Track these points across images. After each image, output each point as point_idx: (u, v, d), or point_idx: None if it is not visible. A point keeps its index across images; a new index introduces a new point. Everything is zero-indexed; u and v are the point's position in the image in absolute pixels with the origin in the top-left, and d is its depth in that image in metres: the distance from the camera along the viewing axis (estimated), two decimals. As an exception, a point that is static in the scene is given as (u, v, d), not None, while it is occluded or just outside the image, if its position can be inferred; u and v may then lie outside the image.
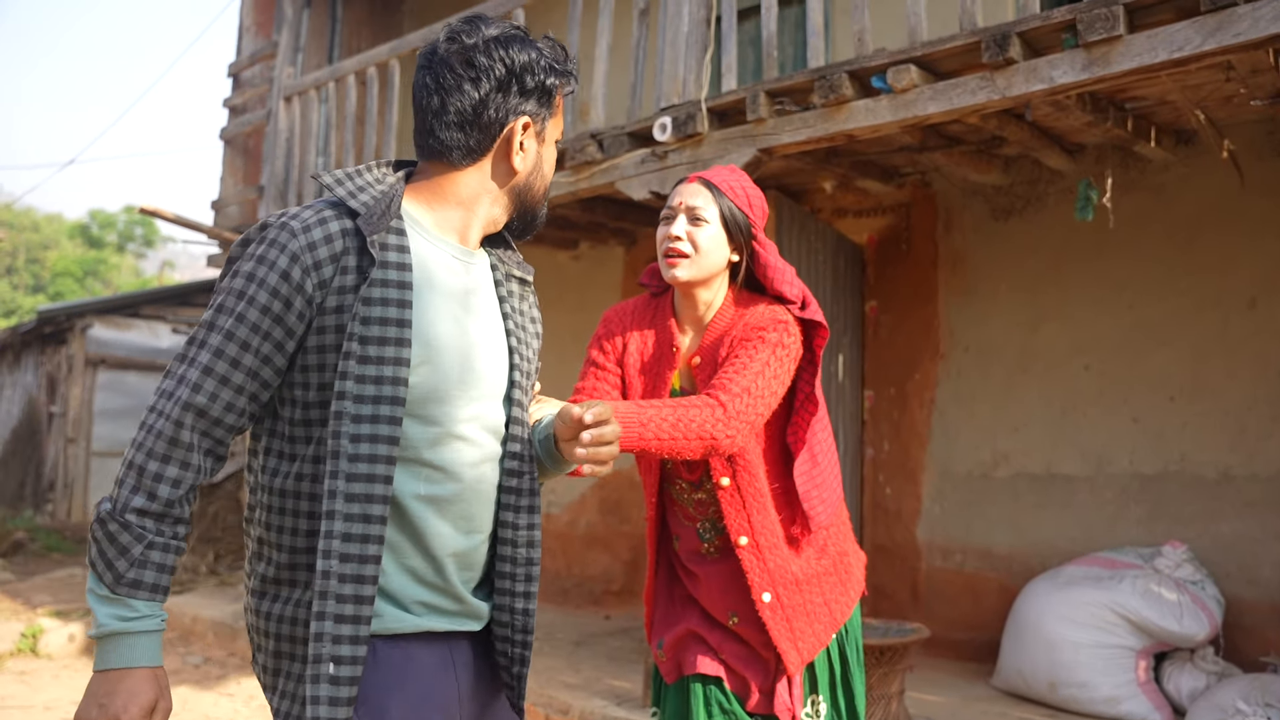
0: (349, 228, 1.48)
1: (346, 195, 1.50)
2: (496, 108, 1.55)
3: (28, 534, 10.35)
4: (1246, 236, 4.67)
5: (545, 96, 1.60)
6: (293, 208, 1.52)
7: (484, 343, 1.59)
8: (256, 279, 1.44)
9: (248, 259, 1.47)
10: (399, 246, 1.49)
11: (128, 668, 1.39)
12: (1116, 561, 4.56)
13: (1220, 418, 4.70)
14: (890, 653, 3.84)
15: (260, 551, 1.53)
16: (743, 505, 2.10)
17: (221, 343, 1.43)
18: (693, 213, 2.12)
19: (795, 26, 5.90)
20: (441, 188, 1.59)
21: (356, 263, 1.46)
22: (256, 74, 8.03)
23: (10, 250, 35.11)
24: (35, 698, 5.26)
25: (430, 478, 1.51)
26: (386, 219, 1.48)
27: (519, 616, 1.61)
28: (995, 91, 3.57)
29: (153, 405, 1.44)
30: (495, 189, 1.61)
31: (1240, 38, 3.07)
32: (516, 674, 1.63)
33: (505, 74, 1.54)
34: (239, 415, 1.46)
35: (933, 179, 5.59)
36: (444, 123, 1.55)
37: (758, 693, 2.12)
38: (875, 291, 5.81)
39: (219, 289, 1.48)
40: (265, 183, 7.07)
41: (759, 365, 2.01)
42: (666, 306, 2.24)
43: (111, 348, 12.95)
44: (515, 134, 1.58)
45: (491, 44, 1.54)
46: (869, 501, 5.77)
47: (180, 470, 1.42)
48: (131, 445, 1.42)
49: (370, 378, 1.45)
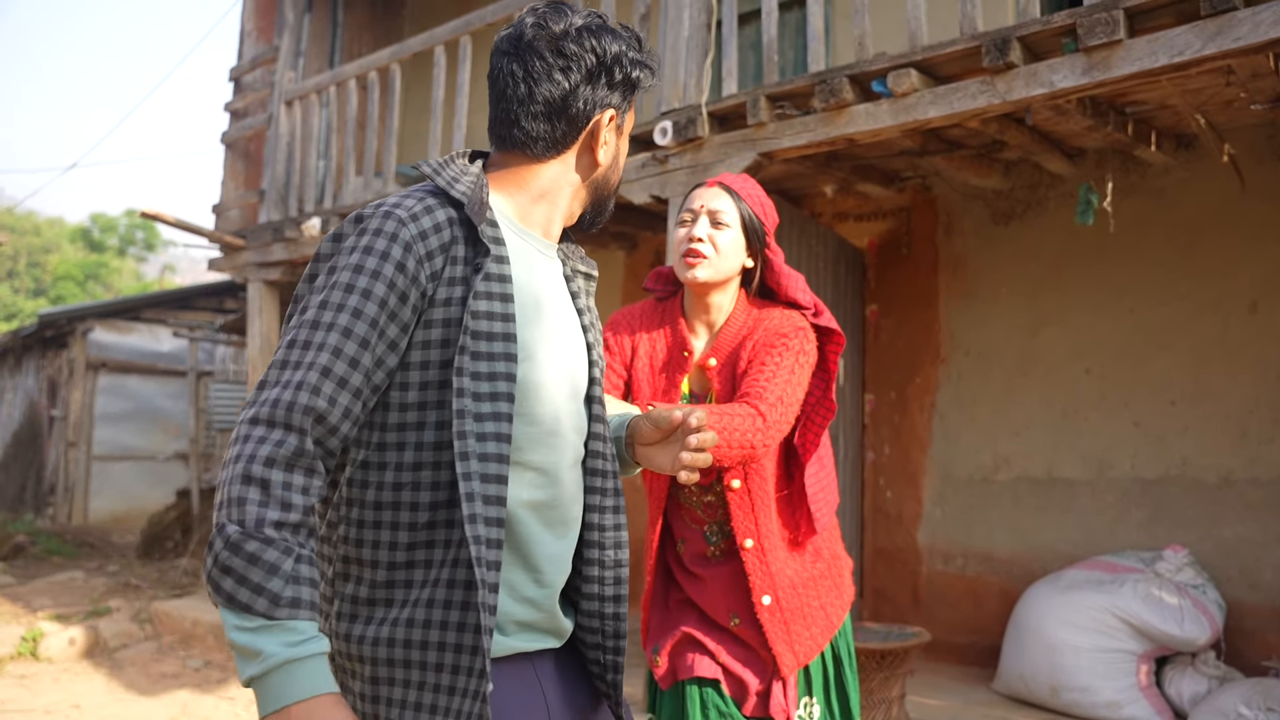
0: (454, 217, 1.39)
1: (446, 184, 1.42)
2: (585, 99, 1.48)
3: (28, 537, 10.35)
4: (1247, 241, 4.67)
5: (629, 89, 1.55)
6: (390, 196, 1.41)
7: (568, 339, 1.53)
8: (368, 271, 1.32)
9: (353, 251, 1.34)
10: (494, 239, 1.41)
11: (312, 696, 1.19)
12: (1118, 565, 4.55)
13: (1221, 422, 4.70)
14: (891, 657, 3.84)
15: (347, 572, 1.39)
16: (751, 508, 2.12)
17: (339, 341, 1.29)
18: (714, 216, 2.15)
19: (796, 31, 5.91)
20: (523, 180, 1.51)
21: (465, 253, 1.39)
22: (258, 78, 8.04)
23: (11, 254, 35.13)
24: (35, 701, 5.26)
25: (533, 481, 1.44)
26: (485, 208, 1.40)
27: (609, 621, 1.54)
28: (995, 96, 3.57)
29: (261, 416, 1.27)
30: (577, 182, 1.55)
31: (1240, 42, 3.07)
32: (612, 681, 1.54)
33: (595, 64, 1.48)
34: (352, 424, 1.32)
35: (933, 183, 5.60)
36: (530, 112, 1.47)
37: (754, 696, 2.12)
38: (876, 295, 5.81)
39: (319, 286, 1.34)
40: (266, 187, 7.08)
41: (785, 373, 2.03)
42: (675, 310, 2.26)
43: (112, 351, 12.96)
44: (601, 127, 1.51)
45: (582, 32, 1.48)
46: (870, 505, 5.77)
47: (307, 478, 1.26)
48: (240, 460, 1.24)
49: (484, 374, 1.37)
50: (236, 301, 13.02)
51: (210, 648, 6.24)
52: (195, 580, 8.22)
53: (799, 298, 2.17)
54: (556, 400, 1.47)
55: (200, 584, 8.03)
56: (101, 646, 6.40)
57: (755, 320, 2.17)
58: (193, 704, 5.22)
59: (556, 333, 1.50)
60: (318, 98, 6.72)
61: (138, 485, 12.93)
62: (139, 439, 13.10)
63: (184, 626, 6.52)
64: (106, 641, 6.44)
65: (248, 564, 1.19)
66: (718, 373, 2.16)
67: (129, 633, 6.58)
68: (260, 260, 6.91)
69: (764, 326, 2.13)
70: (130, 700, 5.33)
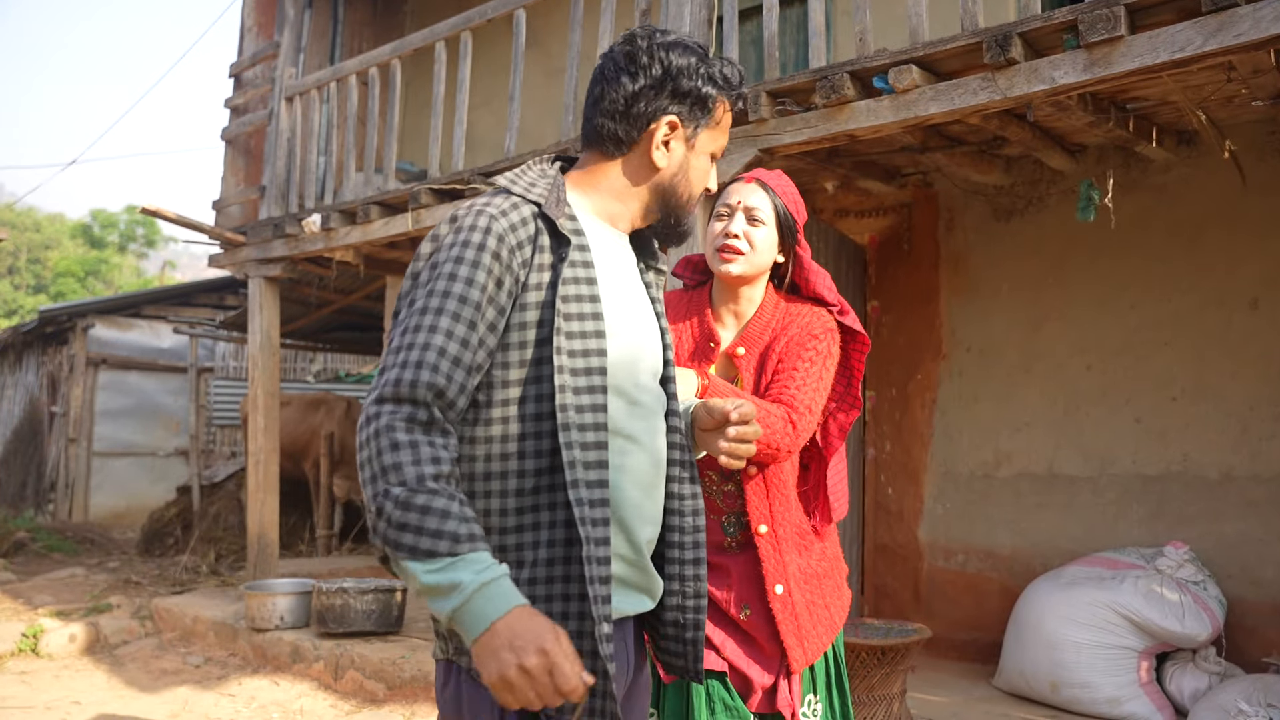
0: (536, 212, 1.56)
1: (523, 191, 1.59)
2: (646, 103, 1.63)
3: (29, 534, 10.36)
4: (1248, 237, 4.67)
5: (699, 104, 1.66)
6: (479, 198, 1.58)
7: (645, 322, 1.69)
8: (468, 261, 1.48)
9: (454, 246, 1.50)
10: (575, 229, 1.58)
11: (509, 610, 1.33)
12: (1118, 562, 4.55)
13: (1222, 418, 4.70)
14: (892, 653, 3.84)
15: None
16: (766, 495, 2.17)
17: (449, 324, 1.44)
18: (750, 213, 2.20)
19: (797, 27, 5.90)
20: (595, 176, 1.68)
21: (550, 244, 1.55)
22: (258, 74, 8.03)
23: (12, 250, 35.12)
24: (36, 698, 5.26)
25: (623, 449, 1.58)
26: (562, 205, 1.57)
27: (690, 583, 1.70)
28: (997, 92, 3.56)
29: (387, 395, 1.41)
30: (638, 183, 1.68)
31: (1241, 38, 3.06)
32: (692, 639, 1.70)
33: (661, 73, 1.62)
34: (466, 400, 1.47)
35: (934, 179, 5.59)
36: (600, 110, 1.64)
37: (760, 691, 2.13)
38: (877, 292, 5.81)
39: (423, 281, 1.50)
40: (266, 183, 7.08)
41: (815, 380, 2.12)
42: (704, 300, 2.31)
43: (113, 348, 12.96)
44: (659, 131, 1.65)
45: (656, 46, 1.63)
46: (871, 502, 5.77)
47: (444, 438, 1.42)
48: (382, 433, 1.38)
49: (579, 351, 1.52)
50: (237, 298, 13.02)
51: (211, 644, 6.24)
52: (194, 577, 8.23)
53: (825, 295, 2.23)
54: (640, 375, 1.63)
55: (201, 580, 8.03)
56: (102, 643, 6.41)
57: (785, 315, 2.22)
58: (193, 700, 5.22)
59: (635, 315, 1.66)
60: (318, 94, 6.72)
61: (138, 481, 12.94)
62: (140, 435, 13.11)
63: (184, 623, 6.52)
64: (107, 638, 6.44)
65: (422, 515, 1.34)
66: (746, 362, 2.20)
67: (129, 629, 6.59)
68: (261, 256, 6.91)
69: (796, 323, 2.19)
70: (131, 697, 5.34)
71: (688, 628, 1.70)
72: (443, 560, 1.33)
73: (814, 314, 2.20)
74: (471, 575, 1.33)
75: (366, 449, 1.39)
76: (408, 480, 1.35)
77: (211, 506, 9.80)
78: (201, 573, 8.37)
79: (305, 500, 9.90)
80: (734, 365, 2.22)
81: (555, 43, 7.10)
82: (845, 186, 5.67)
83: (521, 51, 5.30)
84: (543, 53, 7.25)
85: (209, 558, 8.75)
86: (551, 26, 7.04)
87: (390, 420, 1.39)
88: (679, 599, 1.70)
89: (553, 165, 1.69)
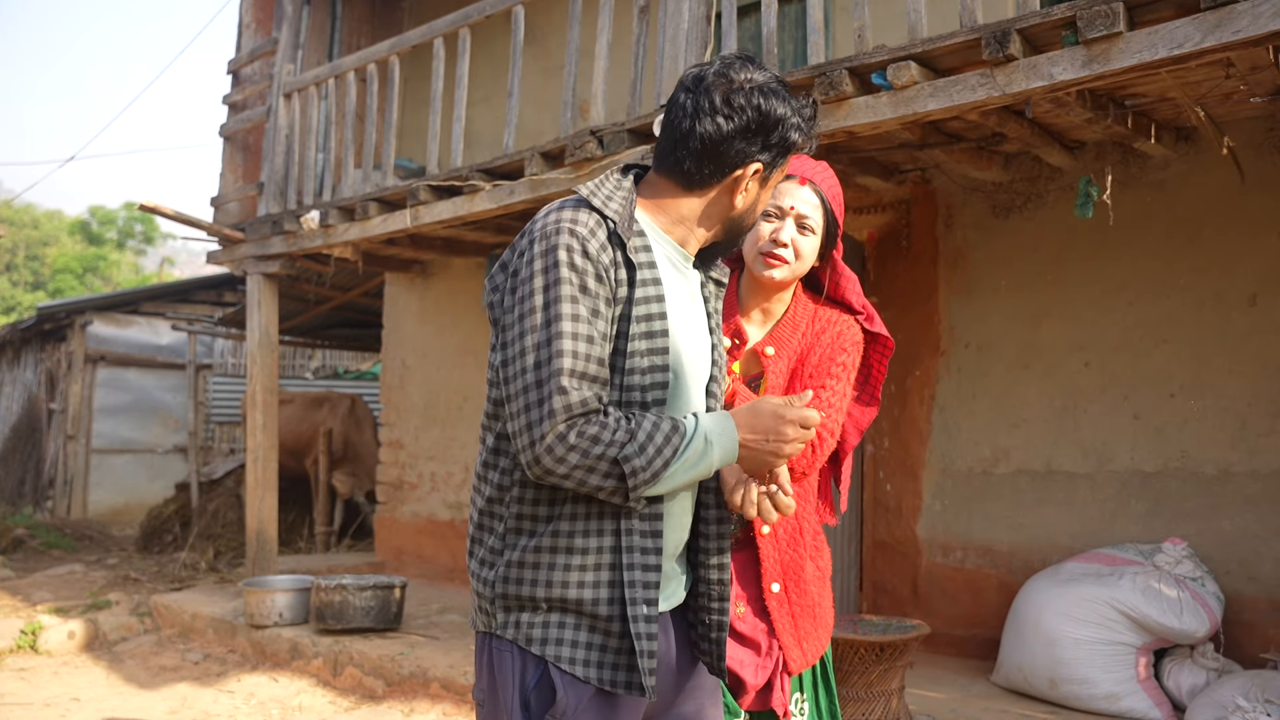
0: (611, 231, 1.62)
1: (602, 204, 1.64)
2: (737, 150, 1.66)
3: (28, 531, 10.36)
4: (1247, 233, 4.67)
5: (783, 151, 1.71)
6: (564, 213, 1.62)
7: (698, 335, 1.78)
8: (564, 279, 1.56)
9: (551, 269, 1.57)
10: (644, 247, 1.65)
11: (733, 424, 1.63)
12: (1117, 558, 4.56)
13: (1221, 414, 4.70)
14: (890, 649, 3.84)
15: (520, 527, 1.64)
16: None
17: (570, 328, 1.56)
18: (801, 220, 2.16)
19: (795, 23, 5.90)
20: (667, 205, 1.72)
21: (624, 259, 1.62)
22: (256, 71, 8.02)
23: (10, 247, 35.08)
24: (35, 695, 5.27)
25: None
26: (632, 224, 1.64)
27: (715, 586, 1.79)
28: (995, 88, 3.56)
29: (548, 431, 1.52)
30: (713, 217, 1.74)
31: (1240, 35, 3.06)
32: (716, 638, 1.79)
33: (757, 121, 1.65)
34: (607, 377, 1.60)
35: (933, 176, 5.59)
36: (687, 148, 1.66)
37: (752, 690, 2.13)
38: (875, 288, 5.81)
39: (522, 297, 1.58)
40: (265, 179, 7.07)
41: (840, 398, 2.14)
42: (731, 293, 2.30)
43: (111, 344, 12.95)
44: (745, 178, 1.69)
45: (754, 90, 1.65)
46: (869, 498, 5.78)
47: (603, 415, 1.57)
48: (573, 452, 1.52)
49: (645, 369, 1.63)
50: (236, 294, 13.01)
51: (210, 641, 6.25)
52: (193, 573, 8.23)
53: (852, 300, 2.23)
54: (689, 385, 1.73)
55: (200, 577, 8.03)
56: (101, 640, 6.41)
57: (816, 320, 2.22)
58: (192, 697, 5.22)
59: (690, 328, 1.75)
60: (317, 90, 6.71)
61: (137, 478, 12.93)
62: (138, 432, 13.10)
63: (183, 619, 6.52)
64: (106, 635, 6.45)
65: (649, 440, 1.54)
66: (774, 363, 2.19)
67: (128, 626, 6.59)
68: (259, 253, 6.90)
69: (829, 332, 2.19)
70: (130, 693, 5.34)
71: (713, 628, 1.79)
72: (684, 443, 1.57)
73: (844, 323, 2.20)
74: (701, 430, 1.59)
75: (578, 469, 1.52)
76: (620, 441, 1.52)
77: (210, 503, 9.80)
78: (200, 569, 8.37)
79: (304, 497, 9.90)
80: (759, 363, 2.21)
81: (554, 39, 7.10)
82: (844, 183, 5.67)
83: (520, 48, 5.30)
84: (541, 49, 7.25)
85: (208, 554, 8.75)
86: (550, 23, 7.03)
87: (574, 441, 1.52)
88: (705, 600, 1.79)
89: (627, 177, 1.73)
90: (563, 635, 1.60)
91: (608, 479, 1.52)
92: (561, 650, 1.59)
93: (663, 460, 1.54)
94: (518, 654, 1.61)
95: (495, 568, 1.64)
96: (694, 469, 1.58)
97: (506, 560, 1.63)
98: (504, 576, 1.62)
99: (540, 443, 1.51)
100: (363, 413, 9.95)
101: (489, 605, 1.65)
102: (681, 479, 1.58)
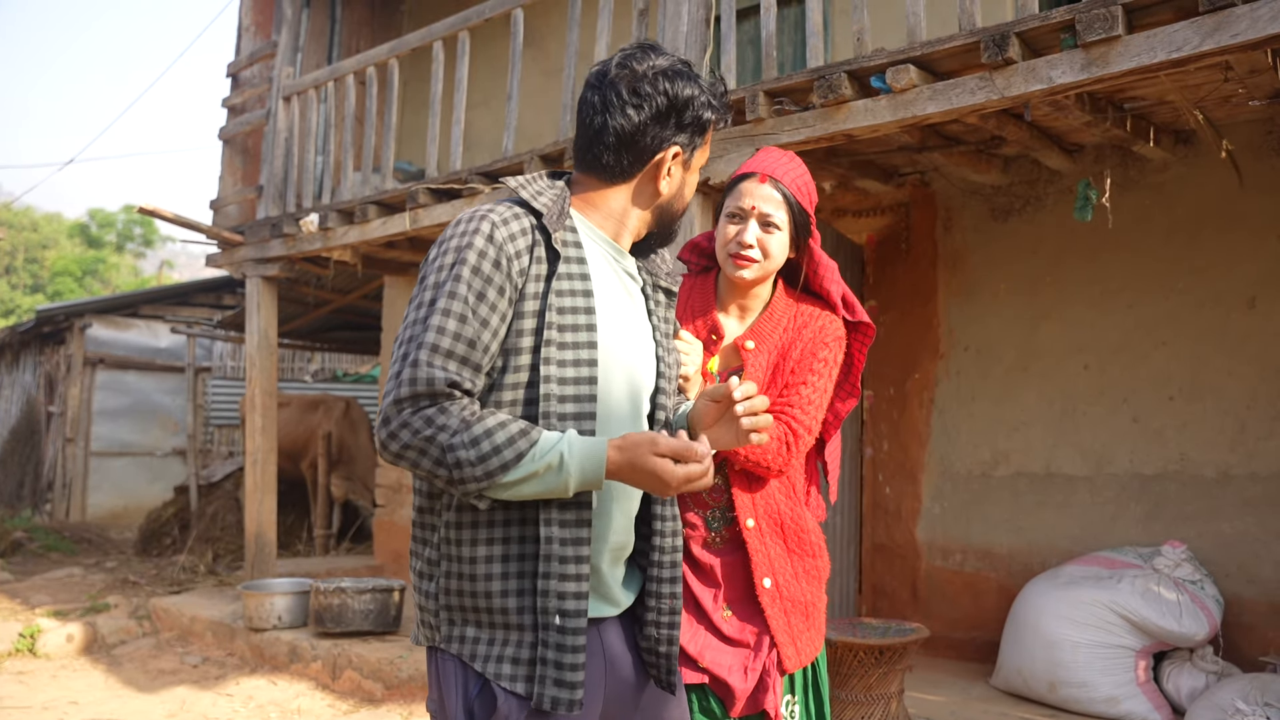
0: (535, 224, 1.62)
1: (531, 196, 1.64)
2: (652, 136, 1.67)
3: (26, 534, 10.35)
4: (1245, 236, 4.67)
5: (699, 130, 1.72)
6: (483, 206, 1.63)
7: (638, 340, 1.73)
8: (469, 264, 1.54)
9: (457, 249, 1.56)
10: (575, 243, 1.64)
11: (603, 447, 1.53)
12: (1116, 561, 4.56)
13: (1220, 417, 4.70)
14: (890, 652, 3.84)
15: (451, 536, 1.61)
16: (750, 488, 2.17)
17: (457, 308, 1.53)
18: (764, 219, 2.16)
19: (794, 26, 5.90)
20: (594, 200, 1.72)
21: (546, 254, 1.61)
22: (256, 74, 8.03)
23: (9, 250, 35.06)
24: (33, 698, 5.26)
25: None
26: (563, 218, 1.63)
27: (666, 600, 1.74)
28: (994, 91, 3.57)
29: (404, 395, 1.50)
30: (641, 206, 1.74)
31: (1238, 38, 3.07)
32: (665, 653, 1.75)
33: (666, 106, 1.66)
34: (489, 364, 1.57)
35: (932, 179, 5.59)
36: (603, 143, 1.67)
37: (741, 698, 2.12)
38: (875, 291, 5.81)
39: (428, 283, 1.57)
40: (264, 182, 7.07)
41: (820, 395, 2.13)
42: (709, 289, 2.30)
43: (110, 347, 12.94)
44: (665, 162, 1.70)
45: (659, 76, 1.66)
46: (869, 501, 5.77)
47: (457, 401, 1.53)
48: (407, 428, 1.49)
49: (569, 361, 1.59)
50: (235, 297, 13.01)
51: (208, 644, 6.24)
52: (192, 576, 8.22)
53: (831, 290, 2.22)
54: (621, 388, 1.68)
55: (198, 580, 8.03)
56: (99, 643, 6.40)
57: (798, 316, 2.21)
58: (191, 700, 5.22)
59: (627, 330, 1.70)
60: (316, 93, 6.71)
61: (136, 481, 12.92)
62: (137, 435, 13.09)
63: (182, 623, 6.52)
64: (105, 638, 6.44)
65: (488, 437, 1.48)
66: (754, 357, 2.19)
67: (127, 629, 6.59)
68: (258, 256, 6.90)
69: (810, 327, 2.18)
70: (128, 696, 5.34)
71: (661, 642, 1.75)
72: (529, 451, 1.48)
73: (826, 319, 2.19)
74: (559, 445, 1.50)
75: (410, 449, 1.48)
76: (454, 428, 1.47)
77: (209, 506, 9.79)
78: (199, 572, 8.36)
79: (303, 500, 9.89)
80: (739, 357, 2.21)
81: (553, 42, 7.10)
82: (843, 186, 5.67)
83: (519, 51, 5.30)
84: (540, 52, 7.26)
85: (206, 557, 8.74)
86: (549, 26, 7.04)
87: (409, 418, 1.48)
88: (655, 614, 1.74)
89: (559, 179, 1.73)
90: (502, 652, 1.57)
91: (439, 467, 1.48)
92: (502, 668, 1.56)
93: (499, 462, 1.46)
94: (460, 666, 1.60)
95: (434, 579, 1.62)
96: (544, 483, 1.50)
97: (445, 571, 1.60)
98: (445, 589, 1.61)
99: (382, 417, 1.50)
100: (358, 416, 9.94)
101: (433, 619, 1.63)
102: (529, 490, 1.50)
